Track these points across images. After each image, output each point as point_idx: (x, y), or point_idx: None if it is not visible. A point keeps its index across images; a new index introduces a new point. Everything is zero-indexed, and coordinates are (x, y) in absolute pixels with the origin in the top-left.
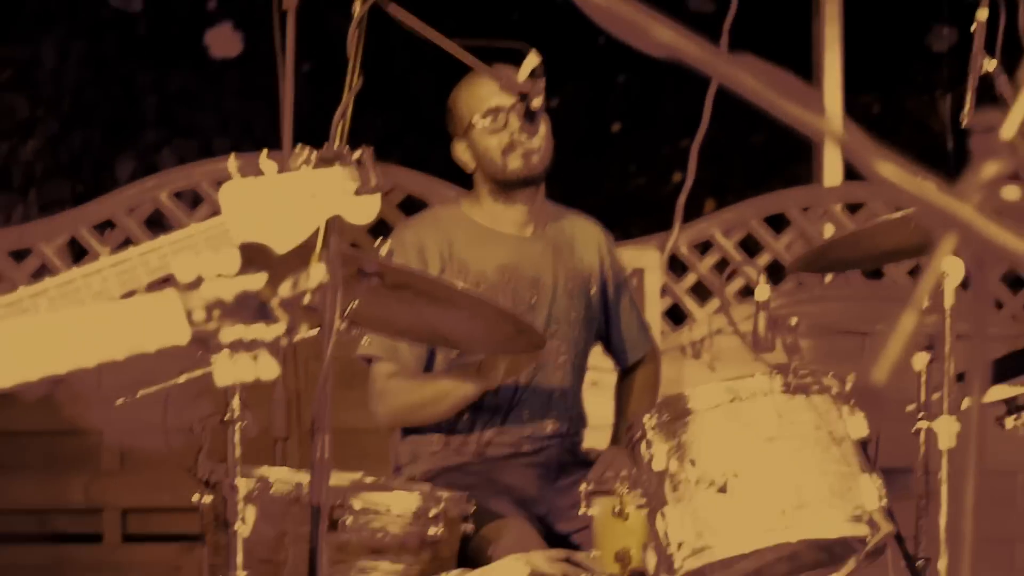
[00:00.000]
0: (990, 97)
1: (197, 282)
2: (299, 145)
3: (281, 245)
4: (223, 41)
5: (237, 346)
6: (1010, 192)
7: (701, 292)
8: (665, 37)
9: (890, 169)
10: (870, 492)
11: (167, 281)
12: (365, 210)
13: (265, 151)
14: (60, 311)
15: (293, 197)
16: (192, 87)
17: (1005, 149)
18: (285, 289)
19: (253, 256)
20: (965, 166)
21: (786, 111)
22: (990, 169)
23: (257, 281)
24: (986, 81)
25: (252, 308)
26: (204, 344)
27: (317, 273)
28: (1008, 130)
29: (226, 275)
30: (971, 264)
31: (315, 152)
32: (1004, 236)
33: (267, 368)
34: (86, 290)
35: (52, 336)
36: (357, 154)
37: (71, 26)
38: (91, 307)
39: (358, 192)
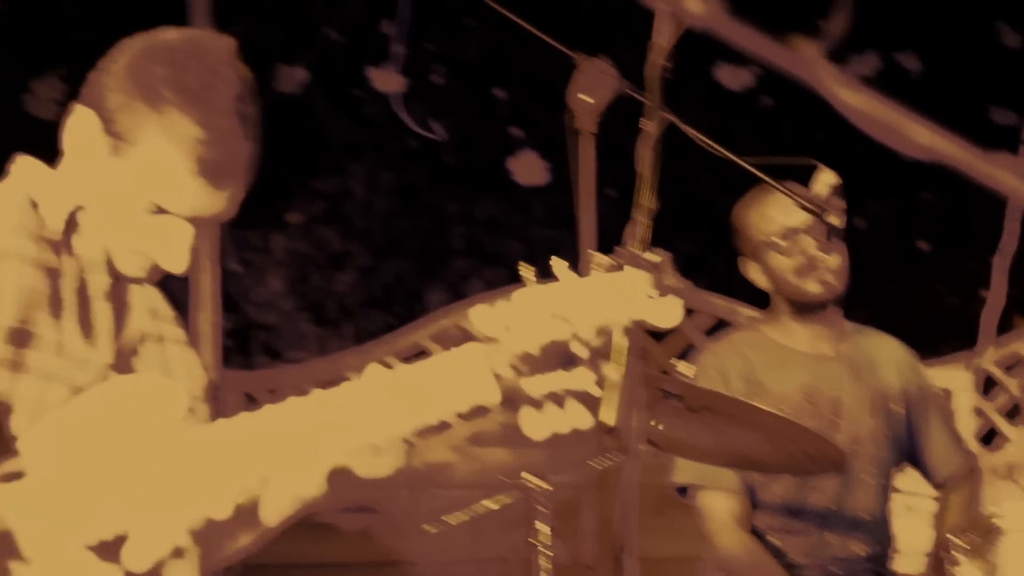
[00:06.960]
0: None
1: (501, 336)
2: (591, 252)
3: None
4: (528, 169)
5: (547, 398)
6: None
7: (1016, 412)
8: (923, 138)
9: None
10: None
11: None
12: (667, 313)
13: (555, 258)
14: (366, 379)
15: (591, 301)
16: (499, 215)
17: None
18: (592, 337)
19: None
20: None
21: None
22: None
23: (563, 330)
24: None
25: (558, 359)
26: (513, 402)
27: (613, 371)
28: None
29: (531, 327)
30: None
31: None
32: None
33: (579, 417)
34: None
35: (360, 404)
36: (653, 257)
37: (378, 157)
38: (397, 370)
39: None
